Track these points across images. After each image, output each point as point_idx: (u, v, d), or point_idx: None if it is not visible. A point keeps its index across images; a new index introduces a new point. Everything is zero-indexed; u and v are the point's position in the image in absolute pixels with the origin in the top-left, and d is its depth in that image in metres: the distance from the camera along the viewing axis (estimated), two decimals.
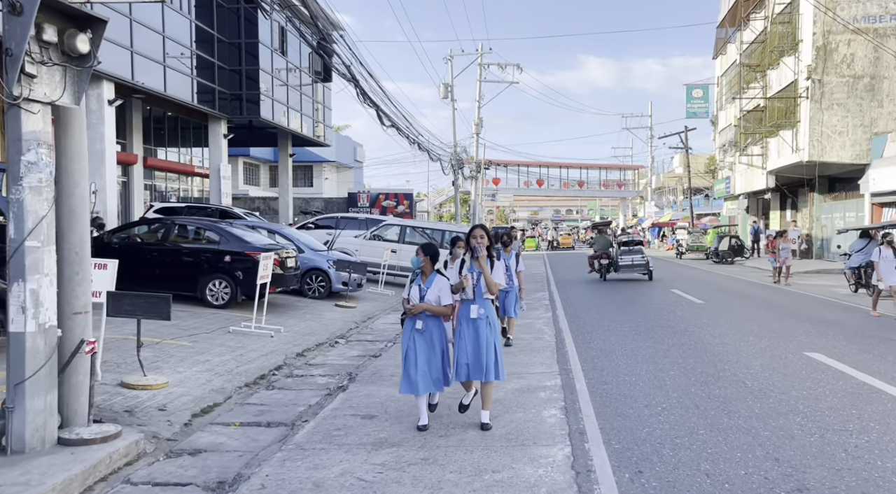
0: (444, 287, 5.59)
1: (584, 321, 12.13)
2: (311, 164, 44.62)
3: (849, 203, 26.63)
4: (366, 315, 13.18)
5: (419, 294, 5.60)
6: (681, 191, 74.82)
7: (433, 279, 5.62)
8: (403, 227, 18.58)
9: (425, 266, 5.65)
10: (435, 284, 5.59)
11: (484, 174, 59.84)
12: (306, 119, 30.13)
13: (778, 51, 28.17)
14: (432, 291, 5.57)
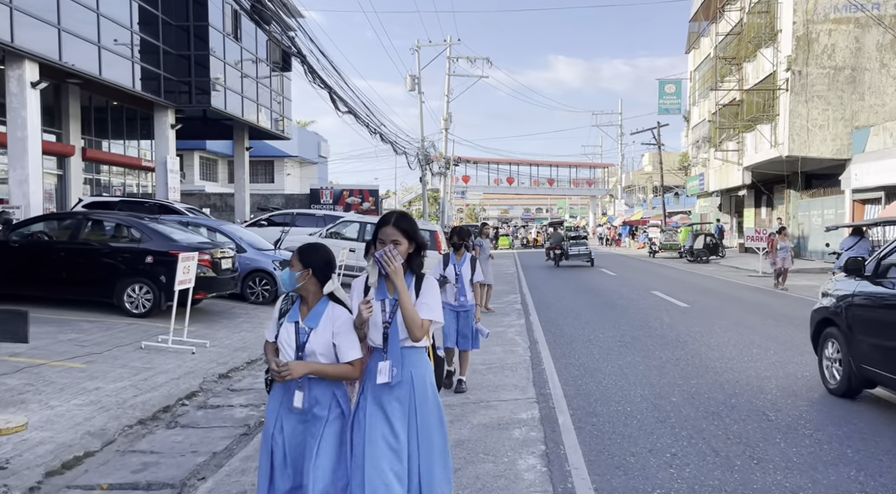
0: (341, 325, 3.08)
1: (561, 329, 10.75)
2: (272, 159, 42.69)
3: (827, 200, 25.79)
4: None
5: (295, 340, 3.07)
6: (651, 190, 74.60)
7: (321, 310, 3.10)
8: (363, 224, 17.03)
9: (305, 286, 3.11)
10: (325, 320, 3.07)
11: (453, 171, 58.48)
12: (264, 110, 28.35)
13: (755, 42, 27.23)
14: (318, 335, 3.05)
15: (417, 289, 3.12)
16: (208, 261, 10.18)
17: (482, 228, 13.84)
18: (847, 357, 6.15)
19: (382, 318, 3.10)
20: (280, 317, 3.19)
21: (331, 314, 3.10)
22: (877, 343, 5.76)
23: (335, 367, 3.06)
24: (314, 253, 3.19)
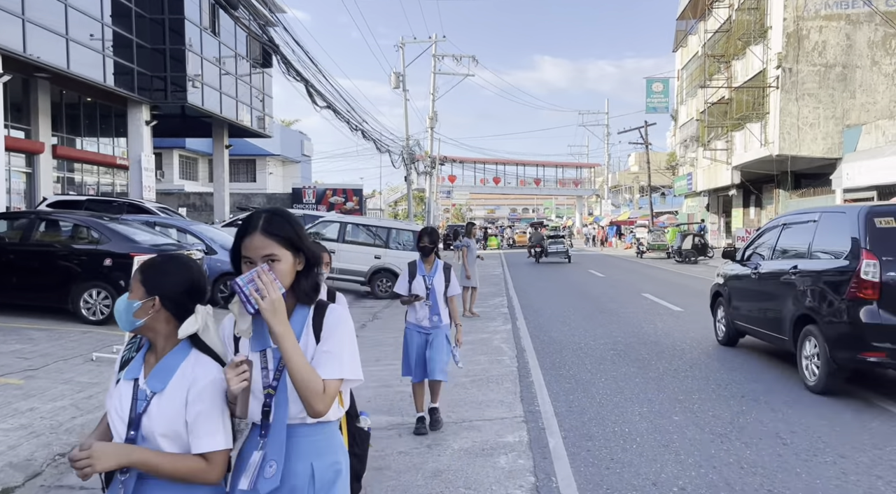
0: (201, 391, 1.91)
1: (550, 335, 10.16)
2: (254, 158, 41.88)
3: (817, 200, 25.39)
4: None
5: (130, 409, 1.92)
6: (637, 190, 74.41)
7: (174, 364, 1.95)
8: (343, 224, 16.36)
9: (150, 325, 1.97)
10: (178, 381, 1.93)
11: (439, 170, 57.88)
12: (244, 107, 27.58)
13: (744, 40, 26.83)
14: (164, 404, 1.91)
15: (317, 330, 1.96)
16: None
17: (469, 228, 13.28)
18: (728, 316, 8.89)
19: (263, 382, 1.93)
20: (120, 370, 2.04)
21: (188, 372, 1.92)
22: (740, 305, 8.58)
23: (175, 460, 1.87)
24: (167, 271, 2.00)
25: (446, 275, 5.48)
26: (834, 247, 6.71)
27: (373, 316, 12.85)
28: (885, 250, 6.09)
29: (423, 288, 5.38)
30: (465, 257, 12.69)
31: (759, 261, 8.20)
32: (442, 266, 5.51)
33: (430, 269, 5.47)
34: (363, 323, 11.95)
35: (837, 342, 6.23)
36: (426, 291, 5.36)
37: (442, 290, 5.44)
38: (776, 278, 7.56)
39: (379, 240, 16.26)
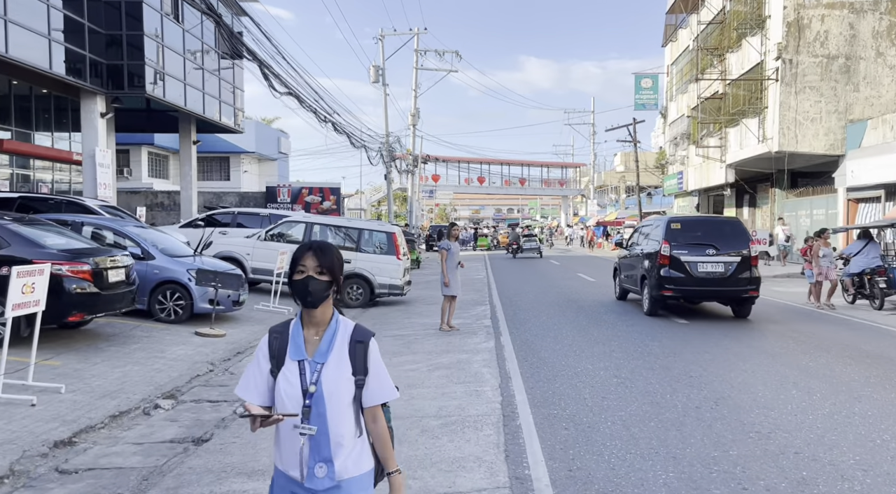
0: None
1: (540, 356, 8.66)
2: (227, 155, 40.09)
3: (817, 199, 24.20)
4: (235, 347, 9.37)
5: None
6: (623, 189, 73.33)
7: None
8: (310, 225, 14.78)
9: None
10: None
11: (422, 169, 56.32)
12: (213, 101, 25.84)
13: (739, 30, 25.57)
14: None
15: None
16: (88, 273, 7.89)
17: (449, 229, 11.51)
18: (619, 281, 14.93)
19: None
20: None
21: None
22: (623, 273, 14.55)
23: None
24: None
25: (357, 360, 2.35)
26: (656, 239, 12.42)
27: None
28: (673, 240, 11.93)
29: (295, 394, 2.30)
30: (444, 262, 11.10)
31: (631, 247, 14.22)
32: (351, 333, 2.38)
33: (320, 341, 2.36)
34: None
35: (653, 287, 12.06)
36: (303, 400, 2.29)
37: (345, 395, 2.31)
38: (636, 256, 13.55)
39: (350, 243, 14.71)
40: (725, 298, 12.36)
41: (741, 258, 11.73)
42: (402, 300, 15.34)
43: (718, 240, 11.95)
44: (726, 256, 11.77)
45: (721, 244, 11.89)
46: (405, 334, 10.69)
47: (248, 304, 12.66)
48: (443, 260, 11.04)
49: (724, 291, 11.99)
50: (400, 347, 9.50)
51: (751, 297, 11.86)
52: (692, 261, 11.73)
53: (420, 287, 18.45)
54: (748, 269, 11.76)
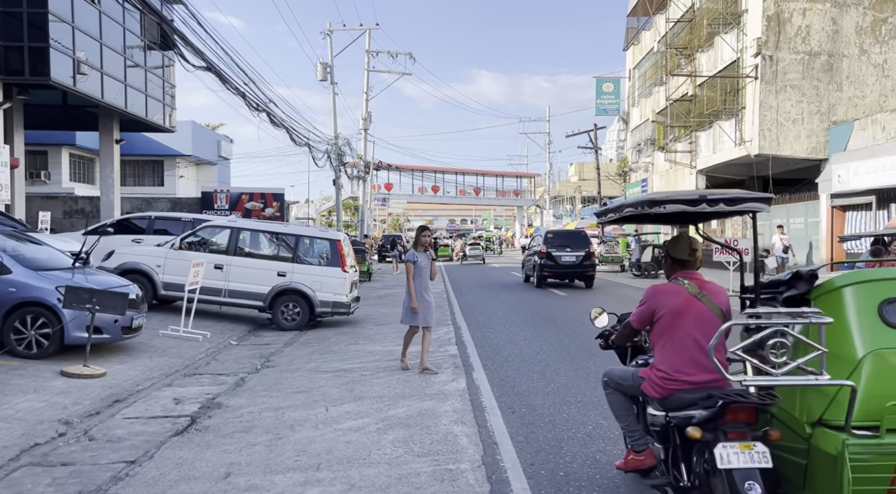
0: None
1: (530, 403, 6.43)
2: (161, 158, 36.92)
3: (795, 207, 22.72)
4: (115, 393, 6.86)
5: None
6: (579, 200, 72.29)
7: None
8: (236, 231, 12.26)
9: None
10: None
11: (375, 176, 53.87)
12: (138, 95, 22.94)
13: (710, 29, 24.11)
14: None
15: None
16: None
17: (419, 235, 8.34)
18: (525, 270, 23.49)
19: None
20: None
21: None
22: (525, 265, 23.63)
23: None
24: None
25: None
26: (539, 243, 20.81)
27: (262, 362, 8.83)
28: (548, 243, 20.14)
29: None
30: (410, 279, 8.04)
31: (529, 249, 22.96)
32: None
33: None
34: (241, 377, 7.93)
35: (538, 271, 20.12)
36: None
37: None
38: (530, 254, 21.91)
39: (285, 252, 12.26)
40: (577, 276, 20.40)
41: (585, 253, 20.21)
42: (347, 320, 12.95)
43: (572, 243, 20.44)
44: (577, 251, 20.19)
45: (574, 245, 20.34)
46: (350, 369, 8.32)
47: (153, 328, 10.12)
48: (409, 276, 8.05)
49: (576, 272, 20.25)
50: (341, 390, 7.13)
51: (591, 275, 20.38)
52: (558, 255, 19.99)
53: (370, 302, 16.07)
54: (589, 259, 20.33)
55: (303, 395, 6.96)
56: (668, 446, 3.69)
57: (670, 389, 3.58)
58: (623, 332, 4.20)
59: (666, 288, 3.79)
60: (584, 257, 19.99)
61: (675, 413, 3.48)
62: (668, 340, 3.66)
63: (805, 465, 3.19)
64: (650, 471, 3.93)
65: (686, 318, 3.63)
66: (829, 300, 3.35)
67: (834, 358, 3.13)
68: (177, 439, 5.50)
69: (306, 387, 7.32)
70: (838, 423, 3.03)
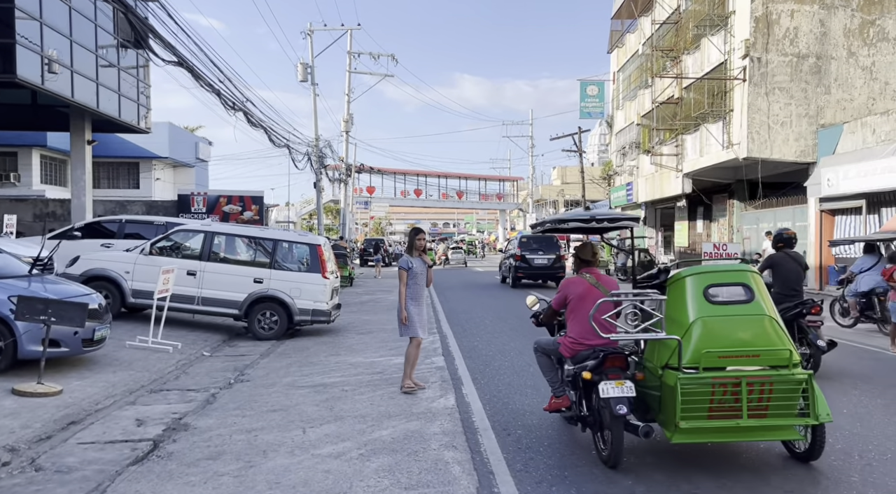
0: None
1: (526, 423, 5.92)
2: (137, 160, 36.01)
3: (781, 211, 22.47)
4: (70, 414, 6.26)
5: None
6: (562, 203, 72.13)
7: None
8: (210, 235, 11.63)
9: None
10: None
11: (356, 179, 53.18)
12: (110, 94, 22.14)
13: (697, 31, 23.84)
14: None
15: None
16: None
17: (413, 238, 7.42)
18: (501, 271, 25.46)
19: None
20: None
21: None
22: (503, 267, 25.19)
23: None
24: None
25: None
26: (514, 247, 22.76)
27: (236, 376, 8.24)
28: (523, 247, 21.95)
29: None
30: (403, 287, 7.14)
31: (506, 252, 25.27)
32: None
33: None
34: (212, 393, 7.34)
35: (514, 272, 22.04)
36: None
37: None
38: (506, 257, 24.22)
39: (262, 257, 11.66)
40: (548, 277, 21.78)
41: (555, 256, 22.01)
42: (328, 328, 12.38)
43: (544, 247, 22.00)
44: (548, 254, 21.96)
45: (545, 249, 21.92)
46: (330, 383, 7.76)
47: (119, 338, 9.50)
48: (402, 284, 7.15)
49: (547, 273, 21.76)
50: (320, 409, 6.57)
51: (561, 276, 19.64)
52: (531, 258, 21.70)
53: (352, 309, 15.50)
54: (559, 261, 21.92)
55: (278, 414, 6.39)
56: (577, 391, 5.22)
57: (576, 350, 5.13)
58: (547, 313, 5.88)
59: (574, 280, 5.38)
60: (555, 260, 21.99)
61: (579, 365, 5.00)
62: (575, 316, 5.22)
63: (659, 395, 4.74)
64: (565, 410, 5.36)
65: (587, 301, 5.08)
66: (676, 285, 4.97)
67: (676, 323, 4.74)
68: (135, 469, 4.92)
69: (282, 405, 6.76)
70: (675, 366, 4.56)
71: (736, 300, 4.76)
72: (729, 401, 4.49)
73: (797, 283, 8.20)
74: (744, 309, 4.72)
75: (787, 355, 4.55)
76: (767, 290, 6.31)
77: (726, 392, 4.47)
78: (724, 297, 4.76)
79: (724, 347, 4.55)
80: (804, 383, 4.54)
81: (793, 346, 4.68)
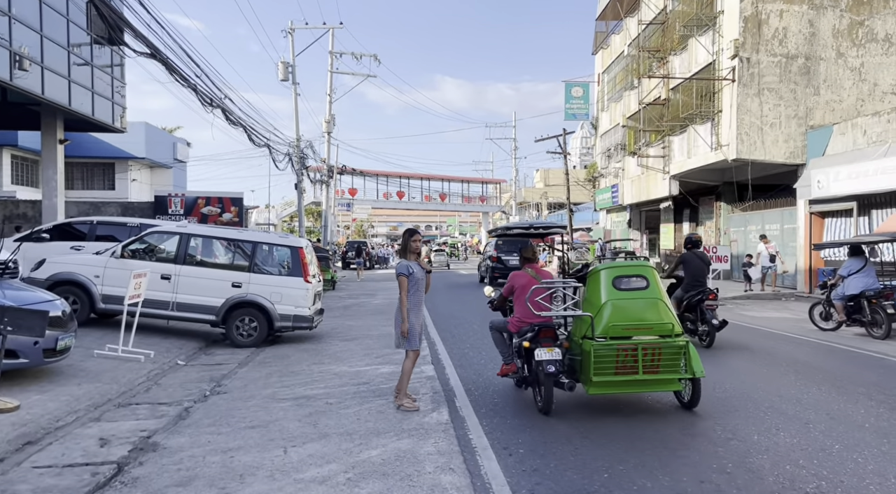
0: None
1: (528, 440, 5.44)
2: (112, 161, 35.10)
3: (769, 213, 22.29)
4: (27, 432, 5.67)
5: None
6: (546, 206, 71.95)
7: None
8: (186, 237, 11.05)
9: None
10: None
11: (338, 181, 52.49)
12: (83, 92, 21.36)
13: (683, 32, 23.60)
14: None
15: None
16: None
17: (408, 241, 6.76)
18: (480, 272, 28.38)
19: None
20: None
21: None
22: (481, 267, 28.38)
23: None
24: None
25: None
26: (491, 249, 25.95)
27: (212, 387, 7.69)
28: (498, 249, 24.69)
29: None
30: (404, 295, 6.49)
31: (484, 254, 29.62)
32: None
33: None
34: (186, 407, 6.79)
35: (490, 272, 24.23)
36: None
37: None
38: (484, 259, 27.74)
39: (241, 260, 11.10)
40: None
41: None
42: (310, 335, 11.84)
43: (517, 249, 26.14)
44: None
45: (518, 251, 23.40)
46: (313, 395, 7.24)
47: (87, 347, 8.91)
48: (403, 293, 6.50)
49: None
50: (303, 425, 6.04)
51: None
52: (507, 259, 23.23)
53: (335, 314, 14.96)
54: None
55: (257, 432, 5.86)
56: (521, 359, 6.65)
57: (520, 326, 6.58)
58: (499, 299, 7.34)
59: (518, 274, 6.86)
60: None
61: (522, 338, 6.40)
62: (519, 301, 6.63)
63: (580, 360, 6.18)
64: (513, 374, 6.78)
65: (527, 289, 6.53)
66: (593, 277, 6.47)
67: (592, 304, 6.27)
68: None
69: (262, 421, 6.23)
70: (591, 336, 6.06)
71: (636, 287, 6.27)
72: (629, 362, 5.97)
73: (702, 276, 10.42)
74: (642, 295, 6.23)
75: (671, 328, 6.09)
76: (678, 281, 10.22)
77: (627, 355, 5.96)
78: (628, 285, 6.27)
79: (626, 322, 6.09)
80: (684, 348, 6.05)
81: (676, 321, 6.20)
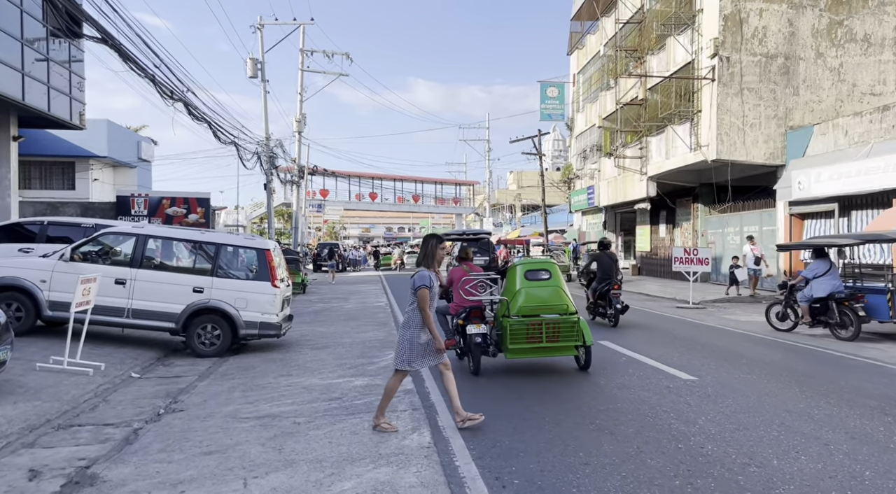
0: None
1: (522, 467, 4.82)
2: (73, 160, 33.69)
3: (748, 215, 22.04)
4: None
5: None
6: (519, 208, 71.73)
7: None
8: (143, 238, 10.24)
9: None
10: None
11: (310, 182, 51.51)
12: (38, 86, 20.26)
13: (661, 31, 23.30)
14: None
15: None
16: None
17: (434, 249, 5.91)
18: None
19: None
20: None
21: None
22: None
23: None
24: None
25: None
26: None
27: (167, 404, 6.94)
28: None
29: None
30: (427, 309, 5.65)
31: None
32: None
33: None
34: (135, 428, 6.04)
35: None
36: None
37: None
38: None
39: (203, 264, 10.32)
40: None
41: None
42: (277, 343, 11.10)
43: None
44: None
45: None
46: (279, 413, 6.53)
47: (30, 359, 8.09)
48: (425, 307, 5.64)
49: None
50: (267, 450, 5.34)
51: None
52: None
53: (304, 319, 14.21)
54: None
55: (214, 459, 5.15)
56: (458, 334, 8.69)
57: (457, 309, 8.73)
58: (444, 289, 8.26)
59: (456, 269, 9.12)
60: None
61: (458, 317, 8.60)
62: (456, 290, 8.69)
63: (500, 333, 8.20)
64: (455, 347, 8.54)
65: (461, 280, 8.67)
66: (511, 270, 8.73)
67: (509, 291, 8.47)
68: None
69: (220, 445, 5.52)
70: (508, 315, 8.20)
71: (542, 278, 8.45)
72: (537, 334, 8.02)
73: (610, 271, 13.32)
74: (546, 283, 8.40)
75: (566, 308, 8.24)
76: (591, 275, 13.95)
77: (535, 329, 8.01)
78: (536, 277, 8.45)
79: (534, 304, 8.23)
80: (577, 323, 8.09)
81: (571, 303, 8.32)
